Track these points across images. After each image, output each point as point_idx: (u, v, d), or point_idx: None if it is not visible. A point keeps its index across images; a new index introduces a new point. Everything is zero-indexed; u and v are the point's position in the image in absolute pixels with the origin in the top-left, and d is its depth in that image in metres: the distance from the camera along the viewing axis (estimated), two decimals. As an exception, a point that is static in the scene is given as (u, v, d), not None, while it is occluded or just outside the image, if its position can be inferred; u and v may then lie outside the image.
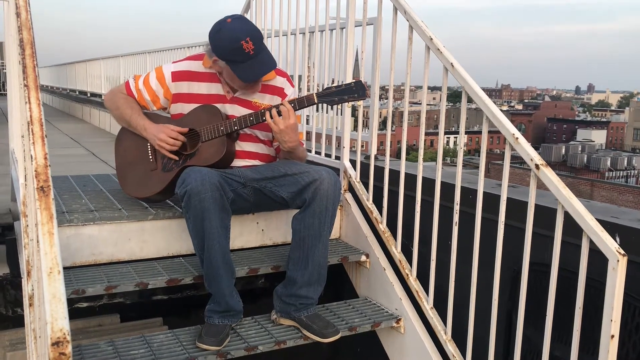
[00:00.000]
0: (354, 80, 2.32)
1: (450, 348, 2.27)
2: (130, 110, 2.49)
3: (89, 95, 11.06)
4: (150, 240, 2.47)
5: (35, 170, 1.18)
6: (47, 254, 1.07)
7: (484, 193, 2.13)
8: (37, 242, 1.13)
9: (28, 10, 1.54)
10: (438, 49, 2.25)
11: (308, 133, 3.46)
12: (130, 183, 2.55)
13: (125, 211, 2.46)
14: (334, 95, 2.30)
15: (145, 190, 2.50)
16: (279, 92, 2.50)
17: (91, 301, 3.34)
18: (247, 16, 3.87)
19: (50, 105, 15.31)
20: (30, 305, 1.46)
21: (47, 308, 0.99)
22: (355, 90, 2.28)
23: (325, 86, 3.25)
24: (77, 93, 12.27)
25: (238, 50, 2.21)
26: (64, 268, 1.75)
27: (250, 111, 2.41)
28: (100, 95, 9.83)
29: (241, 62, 2.25)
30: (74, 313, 3.23)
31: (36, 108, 1.29)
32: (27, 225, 1.47)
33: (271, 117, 2.28)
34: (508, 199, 2.04)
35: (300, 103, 2.31)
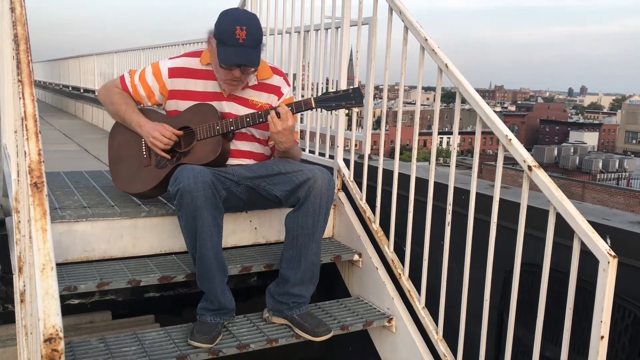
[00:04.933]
0: (352, 87, 2.34)
1: (442, 347, 2.28)
2: (125, 105, 2.48)
3: (82, 91, 11.01)
4: (143, 237, 2.46)
5: (29, 167, 1.17)
6: (40, 250, 1.06)
7: (477, 194, 2.13)
8: (30, 238, 1.12)
9: (23, 5, 1.53)
10: (433, 50, 2.25)
11: (302, 132, 3.46)
12: (122, 178, 2.54)
13: (118, 208, 2.46)
14: (331, 101, 2.31)
15: (137, 185, 2.49)
16: (276, 90, 2.51)
17: (83, 298, 3.32)
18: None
19: (42, 100, 15.23)
20: (22, 301, 1.46)
21: (40, 304, 0.99)
22: (353, 97, 2.30)
23: (320, 86, 3.25)
24: (70, 89, 12.22)
25: (231, 32, 2.22)
26: (56, 264, 1.74)
27: (247, 108, 2.41)
28: (93, 91, 9.78)
29: (227, 45, 2.25)
30: (66, 310, 3.21)
31: (30, 104, 1.29)
32: (20, 221, 1.46)
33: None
34: (500, 199, 2.05)
35: (298, 107, 2.33)
